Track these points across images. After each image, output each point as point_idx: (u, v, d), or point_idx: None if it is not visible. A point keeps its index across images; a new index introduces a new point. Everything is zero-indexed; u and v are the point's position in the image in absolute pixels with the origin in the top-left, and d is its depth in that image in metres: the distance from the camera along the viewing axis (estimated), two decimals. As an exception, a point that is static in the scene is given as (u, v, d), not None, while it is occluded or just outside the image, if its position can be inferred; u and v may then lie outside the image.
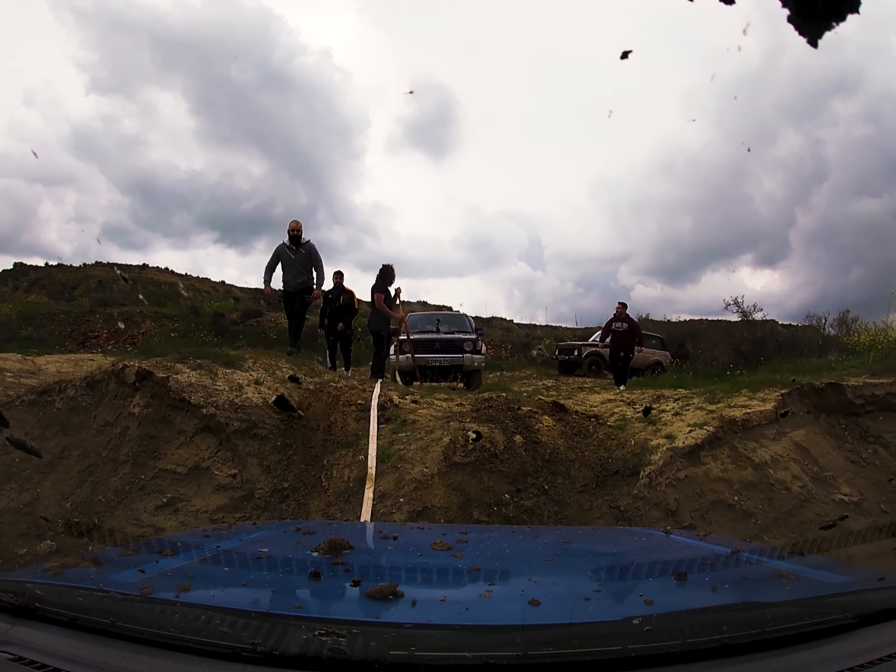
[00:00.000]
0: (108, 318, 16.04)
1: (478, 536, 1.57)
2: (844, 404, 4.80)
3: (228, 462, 3.59)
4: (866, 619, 0.86)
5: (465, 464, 3.03)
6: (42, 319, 16.40)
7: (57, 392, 4.83)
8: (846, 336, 8.93)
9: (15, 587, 0.91)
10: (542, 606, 0.86)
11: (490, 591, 0.97)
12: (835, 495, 3.67)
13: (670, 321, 16.19)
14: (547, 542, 1.61)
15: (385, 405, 3.90)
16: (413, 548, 1.41)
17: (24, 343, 11.16)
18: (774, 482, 3.38)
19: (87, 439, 4.35)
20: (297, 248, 6.05)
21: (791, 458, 3.69)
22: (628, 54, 1.16)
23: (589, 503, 3.05)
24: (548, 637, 0.75)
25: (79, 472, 4.15)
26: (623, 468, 3.18)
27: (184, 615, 0.80)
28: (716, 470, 3.24)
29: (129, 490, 3.77)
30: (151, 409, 4.11)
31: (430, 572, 1.18)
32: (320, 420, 3.89)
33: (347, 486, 3.08)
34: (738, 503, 3.15)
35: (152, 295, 22.93)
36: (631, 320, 8.63)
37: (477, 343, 7.47)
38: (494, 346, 15.40)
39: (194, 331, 14.71)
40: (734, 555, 1.25)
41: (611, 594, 1.03)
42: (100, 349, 13.43)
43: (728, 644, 0.76)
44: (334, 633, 0.71)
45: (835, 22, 0.55)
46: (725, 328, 9.72)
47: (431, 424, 3.47)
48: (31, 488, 4.19)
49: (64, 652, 0.78)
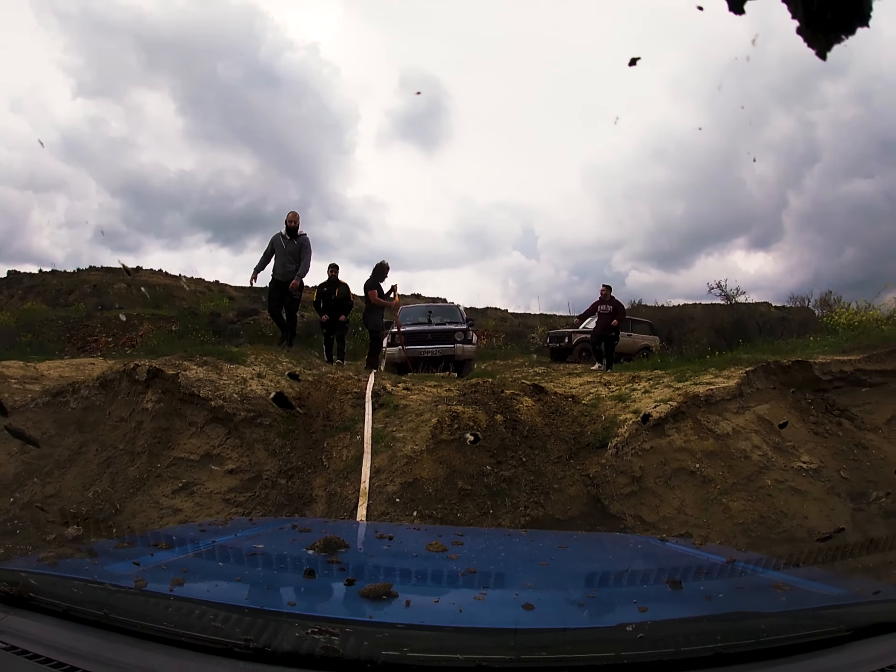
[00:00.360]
0: (107, 322, 16.36)
1: (473, 539, 1.60)
2: (812, 380, 5.18)
3: (237, 448, 3.96)
4: (861, 632, 0.86)
5: (451, 440, 3.41)
6: (41, 326, 16.65)
7: (71, 393, 5.18)
8: (827, 317, 9.29)
9: (9, 576, 0.91)
10: (536, 610, 0.87)
11: (484, 593, 0.97)
12: (794, 463, 4.05)
13: (663, 306, 16.65)
14: (542, 547, 1.62)
15: (379, 392, 4.27)
16: (408, 548, 1.45)
17: (24, 350, 11.27)
18: (735, 451, 3.75)
19: (103, 434, 4.70)
20: (290, 239, 6.22)
21: (753, 430, 4.07)
22: (636, 61, 1.16)
23: (563, 472, 3.43)
24: (541, 641, 0.75)
25: (98, 464, 4.50)
26: (594, 441, 3.57)
27: (177, 609, 0.80)
28: (679, 441, 3.62)
29: (146, 478, 4.14)
30: (163, 403, 4.47)
31: (425, 573, 1.19)
32: (319, 408, 4.26)
33: (346, 464, 3.47)
34: (699, 470, 3.53)
35: (148, 296, 23.23)
36: (616, 302, 8.61)
37: (468, 333, 7.82)
38: (488, 336, 15.79)
39: (192, 331, 14.99)
40: (729, 564, 1.27)
41: (605, 600, 1.03)
42: (99, 353, 13.72)
43: (721, 653, 0.76)
44: (327, 632, 0.71)
45: (844, 35, 0.55)
46: (711, 311, 10.07)
47: (421, 408, 3.85)
48: (53, 482, 4.53)
49: (57, 642, 0.79)
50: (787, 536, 3.30)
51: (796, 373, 5.13)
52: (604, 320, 8.37)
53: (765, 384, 4.79)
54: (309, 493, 3.46)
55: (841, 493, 3.97)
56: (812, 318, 9.43)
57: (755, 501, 3.45)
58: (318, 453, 3.73)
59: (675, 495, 3.37)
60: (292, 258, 6.24)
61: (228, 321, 15.51)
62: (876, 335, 6.70)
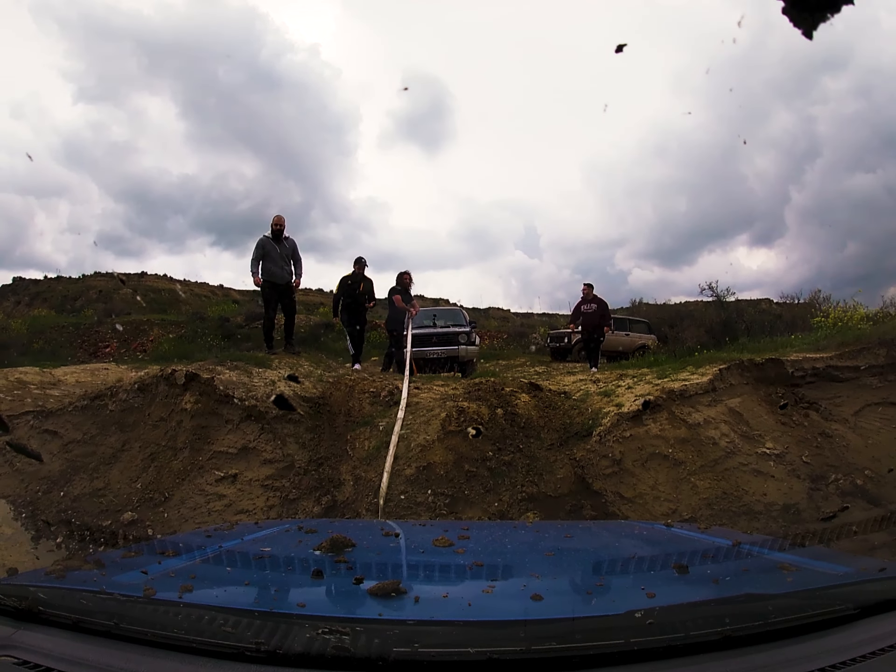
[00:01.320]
0: (116, 328, 17.04)
1: (479, 532, 1.65)
2: (784, 376, 5.80)
3: (270, 442, 4.61)
4: (868, 610, 0.88)
5: (458, 431, 4.06)
6: (51, 333, 17.24)
7: (109, 396, 5.83)
8: (814, 315, 9.92)
9: (18, 591, 0.93)
10: (545, 601, 0.89)
11: (492, 586, 0.99)
12: (759, 449, 4.67)
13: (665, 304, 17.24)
14: (548, 537, 1.66)
15: (393, 392, 4.93)
16: (415, 544, 1.49)
17: (36, 356, 11.71)
18: (704, 438, 4.38)
19: (144, 433, 5.34)
20: (279, 242, 6.47)
21: (723, 420, 4.69)
22: (623, 48, 1.20)
23: (554, 457, 4.08)
24: (551, 631, 0.77)
25: (142, 459, 5.14)
26: (581, 430, 4.21)
27: (187, 616, 0.82)
28: (655, 429, 4.25)
29: (190, 469, 4.78)
30: (201, 404, 5.11)
31: (433, 569, 1.22)
32: (341, 406, 4.91)
33: (369, 453, 4.12)
34: (671, 454, 4.16)
35: (153, 302, 23.89)
36: (600, 301, 8.78)
37: (471, 335, 8.48)
38: (490, 337, 16.42)
39: (201, 335, 15.62)
40: (735, 547, 1.29)
41: (612, 588, 1.05)
42: (111, 358, 14.36)
43: (730, 636, 0.77)
44: (337, 631, 0.73)
45: (830, 13, 0.55)
46: (703, 311, 10.68)
47: (431, 404, 4.49)
48: (100, 476, 5.17)
49: (67, 655, 0.80)
50: (746, 510, 3.93)
51: (769, 369, 5.75)
52: (590, 319, 8.66)
53: (738, 380, 5.41)
54: (338, 478, 4.11)
55: (801, 475, 4.59)
56: (801, 316, 10.04)
57: (720, 481, 4.08)
58: (343, 444, 4.38)
59: (650, 475, 4.01)
60: (287, 260, 6.52)
61: (237, 325, 16.18)
62: (852, 333, 7.34)
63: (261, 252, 6.48)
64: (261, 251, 6.47)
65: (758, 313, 10.42)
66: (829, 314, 10.00)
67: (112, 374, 9.57)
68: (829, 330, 8.10)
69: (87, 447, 5.51)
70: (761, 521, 3.85)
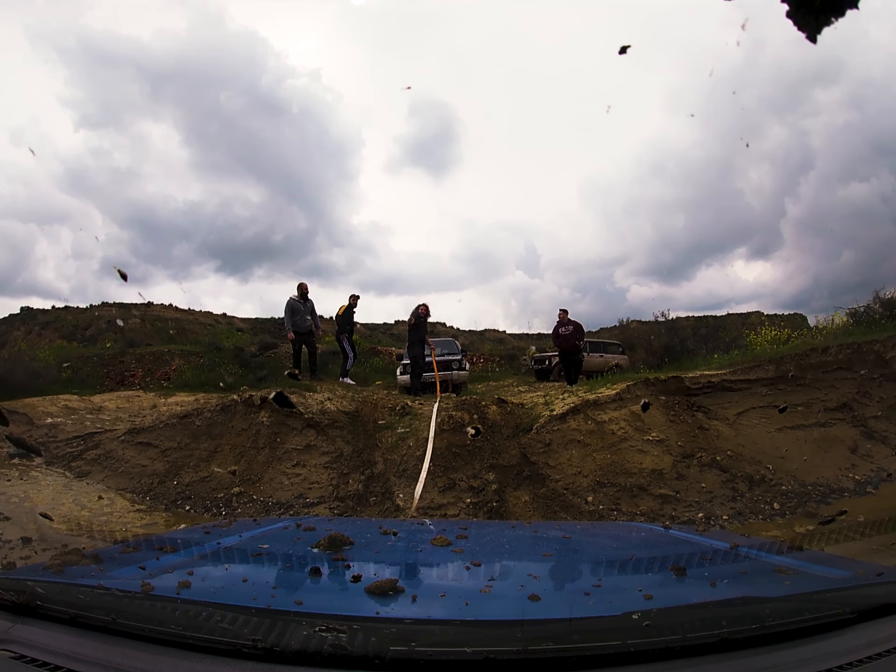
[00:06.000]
0: (140, 357, 20.01)
1: (477, 532, 1.80)
2: (684, 389, 8.86)
3: (325, 441, 7.64)
4: (865, 615, 0.95)
5: (449, 429, 7.10)
6: (78, 362, 20.15)
7: (196, 415, 8.88)
8: (748, 336, 12.94)
9: (16, 585, 1.00)
10: (542, 601, 0.96)
11: (490, 586, 1.09)
12: (646, 437, 7.69)
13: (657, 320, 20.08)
14: (546, 538, 1.78)
15: (403, 406, 7.99)
16: (413, 543, 1.63)
17: (66, 385, 13.39)
18: (607, 430, 7.42)
19: (231, 439, 8.36)
20: (304, 302, 10.16)
21: (623, 419, 7.72)
22: (626, 49, 1.34)
23: (508, 443, 7.11)
24: (548, 632, 0.83)
25: (234, 456, 8.15)
26: (526, 426, 7.26)
27: (185, 612, 0.89)
28: (574, 424, 7.29)
29: (271, 461, 7.79)
30: (273, 417, 8.16)
31: (430, 568, 1.34)
32: (369, 416, 7.97)
33: (391, 444, 7.17)
34: (583, 440, 7.19)
35: (160, 332, 26.86)
36: (575, 323, 10.72)
37: (462, 362, 11.58)
38: (484, 360, 19.48)
39: (219, 364, 18.42)
40: (733, 550, 1.41)
41: (610, 589, 1.12)
42: (138, 386, 17.02)
43: (727, 639, 0.84)
44: (335, 629, 0.79)
45: (833, 17, 0.59)
46: (654, 331, 13.59)
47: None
48: (203, 469, 8.12)
49: (65, 650, 0.86)
50: (625, 472, 6.92)
51: (671, 384, 8.81)
52: (566, 341, 10.77)
53: (643, 391, 8.46)
54: (372, 460, 7.14)
55: (673, 453, 7.62)
56: (741, 335, 13.08)
57: (613, 455, 7.10)
58: (374, 441, 7.42)
59: (568, 452, 7.03)
60: (309, 316, 10.23)
61: (251, 354, 19.05)
62: (752, 353, 10.42)
63: (291, 311, 10.07)
64: (290, 311, 10.10)
65: (697, 336, 13.19)
66: (762, 333, 13.04)
67: (145, 400, 12.61)
68: (745, 350, 11.14)
69: (184, 452, 8.51)
70: (634, 479, 6.86)
